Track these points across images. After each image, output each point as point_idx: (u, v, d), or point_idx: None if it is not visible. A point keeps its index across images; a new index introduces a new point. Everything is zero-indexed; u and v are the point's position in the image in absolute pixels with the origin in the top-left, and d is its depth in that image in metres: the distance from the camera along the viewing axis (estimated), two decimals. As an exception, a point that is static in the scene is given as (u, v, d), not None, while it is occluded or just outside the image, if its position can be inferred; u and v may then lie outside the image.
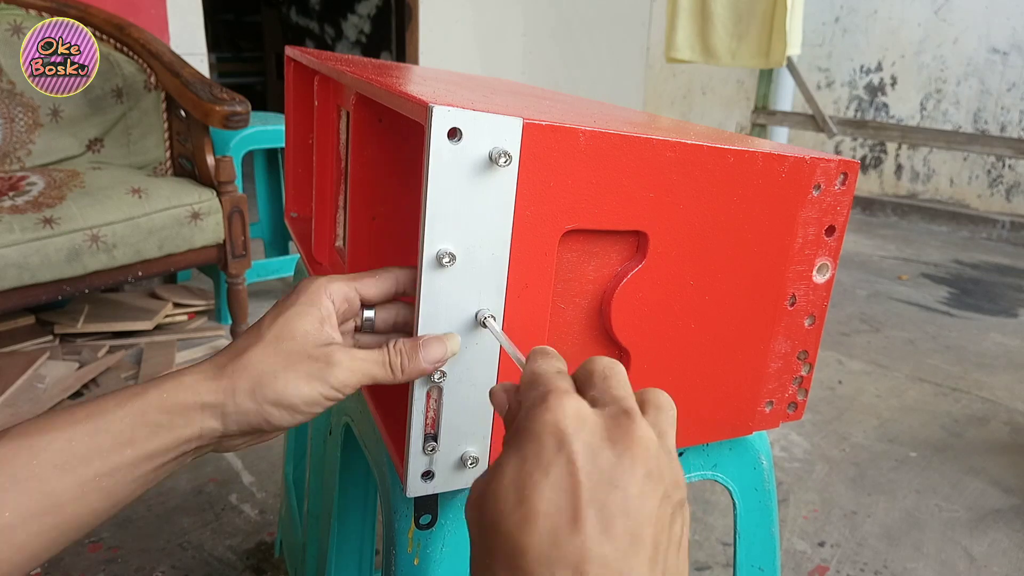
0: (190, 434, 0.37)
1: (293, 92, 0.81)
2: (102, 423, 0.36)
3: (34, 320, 1.81)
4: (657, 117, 0.67)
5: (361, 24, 3.74)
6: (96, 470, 0.35)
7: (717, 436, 0.53)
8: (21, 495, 0.33)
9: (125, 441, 0.36)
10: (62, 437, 0.35)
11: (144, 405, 0.36)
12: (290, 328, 0.39)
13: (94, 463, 0.35)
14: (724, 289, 0.47)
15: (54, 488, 0.34)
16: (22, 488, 0.33)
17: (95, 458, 0.35)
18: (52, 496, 0.34)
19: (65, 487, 0.34)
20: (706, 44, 2.96)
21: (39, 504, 0.34)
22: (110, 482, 0.35)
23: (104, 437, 0.35)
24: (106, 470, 0.35)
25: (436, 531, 0.47)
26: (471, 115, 0.36)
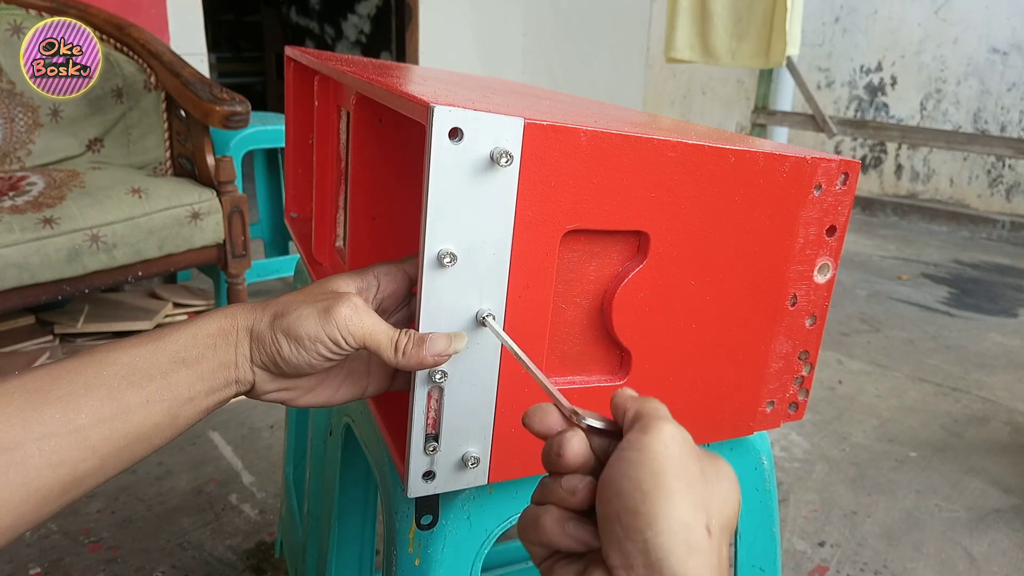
0: (230, 359, 0.40)
1: (293, 92, 0.81)
2: (161, 344, 0.39)
3: (34, 320, 1.81)
4: (658, 117, 0.67)
5: (361, 24, 3.73)
6: (157, 385, 0.38)
7: (718, 436, 0.53)
8: (94, 400, 0.36)
9: (179, 361, 0.39)
10: (128, 354, 0.38)
11: (196, 329, 0.40)
12: (329, 283, 0.43)
13: (155, 378, 0.38)
14: (725, 289, 0.47)
15: (122, 396, 0.37)
16: (94, 394, 0.36)
17: (156, 374, 0.38)
18: (120, 403, 0.37)
19: (131, 397, 0.37)
20: (706, 44, 2.96)
21: (109, 409, 0.37)
22: (169, 395, 0.39)
23: (163, 356, 0.39)
24: (166, 384, 0.38)
25: (437, 531, 0.46)
26: (472, 115, 0.36)
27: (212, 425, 1.51)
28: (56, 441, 0.35)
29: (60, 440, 0.35)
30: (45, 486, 0.35)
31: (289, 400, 0.44)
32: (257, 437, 1.48)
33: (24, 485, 0.34)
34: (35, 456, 0.34)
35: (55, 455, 0.35)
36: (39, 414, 0.35)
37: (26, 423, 0.34)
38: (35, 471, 0.34)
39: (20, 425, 0.34)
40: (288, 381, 0.43)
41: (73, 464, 0.36)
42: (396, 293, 0.45)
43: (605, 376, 0.48)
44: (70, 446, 0.36)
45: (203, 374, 0.40)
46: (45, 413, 0.35)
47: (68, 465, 0.35)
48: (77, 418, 0.36)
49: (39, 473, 0.35)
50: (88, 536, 1.17)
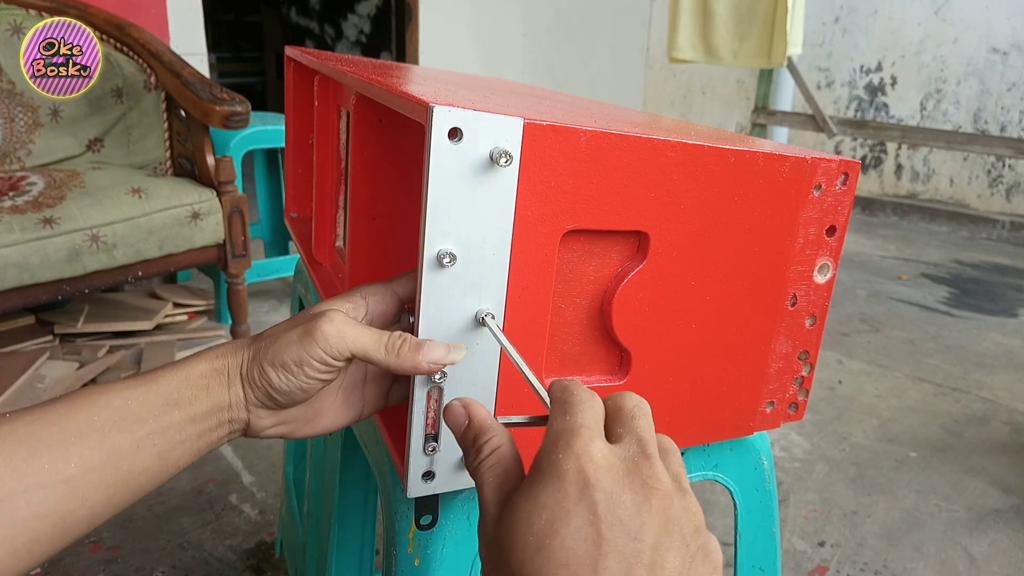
0: (225, 400, 0.40)
1: (293, 92, 0.81)
2: (154, 387, 0.39)
3: (34, 320, 1.81)
4: (658, 117, 0.67)
5: (361, 24, 3.74)
6: (149, 429, 0.38)
7: (718, 436, 0.53)
8: (84, 448, 0.36)
9: (172, 403, 0.39)
10: (120, 397, 0.38)
11: (189, 371, 0.40)
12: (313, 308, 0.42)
13: (147, 422, 0.38)
14: (725, 289, 0.47)
15: (112, 443, 0.37)
16: (85, 442, 0.36)
17: (148, 418, 0.38)
18: (111, 451, 0.37)
19: (122, 443, 0.37)
20: (708, 44, 2.96)
21: (99, 457, 0.36)
22: (160, 440, 0.38)
23: (155, 399, 0.38)
24: (157, 429, 0.38)
25: (437, 531, 0.46)
26: (472, 115, 0.36)
27: (212, 425, 1.51)
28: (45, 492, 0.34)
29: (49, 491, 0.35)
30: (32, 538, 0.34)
31: (288, 434, 0.43)
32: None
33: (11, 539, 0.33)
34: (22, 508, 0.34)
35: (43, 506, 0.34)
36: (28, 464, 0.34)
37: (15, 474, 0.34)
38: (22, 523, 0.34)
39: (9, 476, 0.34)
40: (285, 413, 0.42)
41: (62, 515, 0.35)
42: (385, 314, 0.45)
43: (605, 376, 0.48)
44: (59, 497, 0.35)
45: (196, 416, 0.39)
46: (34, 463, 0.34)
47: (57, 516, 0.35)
48: (67, 468, 0.35)
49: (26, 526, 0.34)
50: (88, 536, 1.17)
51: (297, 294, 0.92)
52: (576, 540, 0.26)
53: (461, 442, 0.34)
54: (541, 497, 0.27)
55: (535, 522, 0.27)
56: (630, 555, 0.26)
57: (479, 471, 0.32)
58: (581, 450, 0.28)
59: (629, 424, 0.30)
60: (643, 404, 0.32)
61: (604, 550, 0.26)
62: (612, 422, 0.31)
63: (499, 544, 0.28)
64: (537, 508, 0.27)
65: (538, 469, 0.29)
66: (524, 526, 0.27)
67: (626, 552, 0.26)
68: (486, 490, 0.31)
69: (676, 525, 0.28)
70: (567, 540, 0.26)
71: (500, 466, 0.31)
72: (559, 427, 0.29)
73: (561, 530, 0.26)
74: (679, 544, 0.28)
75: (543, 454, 0.29)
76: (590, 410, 0.30)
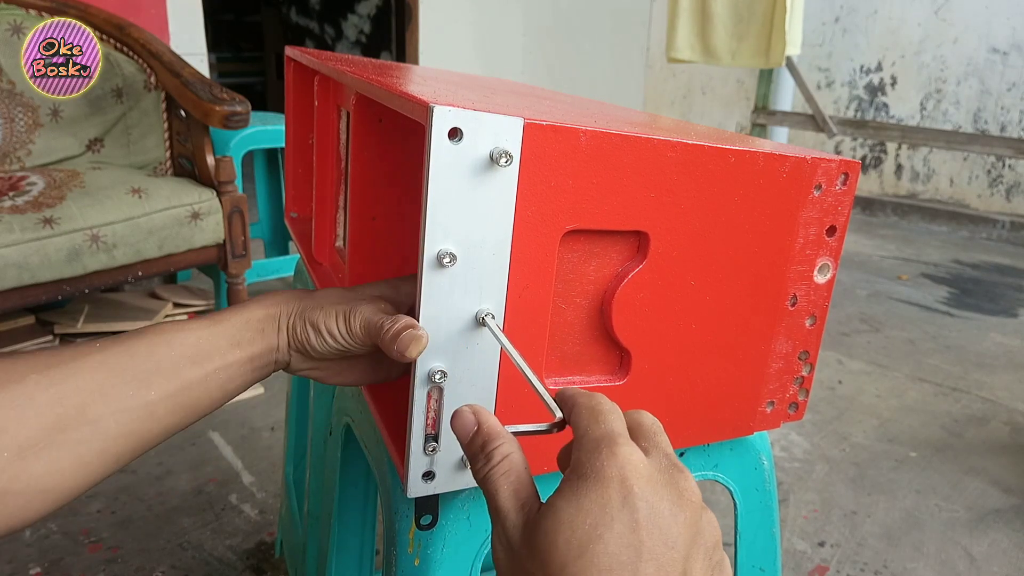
0: (274, 343, 0.46)
1: (293, 92, 0.81)
2: (220, 328, 0.45)
3: (34, 320, 1.81)
4: (658, 117, 0.67)
5: (361, 24, 3.74)
6: (216, 364, 0.44)
7: (718, 436, 0.53)
8: (163, 379, 0.42)
9: (235, 343, 0.45)
10: (193, 336, 0.44)
11: (249, 315, 0.46)
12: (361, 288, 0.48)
13: (215, 359, 0.44)
14: (725, 289, 0.47)
15: (186, 376, 0.43)
16: (163, 374, 0.42)
17: (215, 355, 0.44)
18: (184, 382, 0.43)
19: (193, 375, 0.43)
20: (707, 44, 2.96)
21: (174, 387, 0.42)
22: (224, 375, 0.44)
23: (221, 339, 0.44)
24: (222, 365, 0.44)
25: (437, 531, 0.46)
26: (472, 115, 0.36)
27: (212, 425, 1.51)
28: (129, 415, 0.41)
29: (133, 414, 0.41)
30: (119, 451, 0.41)
31: (321, 379, 0.48)
32: (257, 437, 1.48)
33: (103, 451, 0.40)
34: (112, 427, 0.40)
35: (128, 426, 0.41)
36: (117, 391, 0.41)
37: (107, 399, 0.40)
38: (111, 440, 0.40)
39: (102, 401, 0.40)
40: (317, 363, 0.47)
41: (142, 433, 0.42)
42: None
43: (605, 376, 0.48)
44: (141, 419, 0.41)
45: (252, 356, 0.45)
46: (122, 391, 0.41)
47: (138, 434, 0.42)
48: (148, 395, 0.42)
49: (115, 442, 0.41)
50: (88, 536, 1.17)
51: (297, 294, 0.92)
52: (619, 545, 0.27)
53: (468, 449, 0.34)
54: (584, 502, 0.28)
55: (578, 526, 0.27)
56: (666, 563, 0.27)
57: (490, 478, 0.32)
58: (625, 458, 0.29)
59: (653, 439, 0.31)
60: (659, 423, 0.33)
61: (644, 557, 0.27)
62: (635, 436, 0.32)
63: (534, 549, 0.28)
64: (581, 512, 0.28)
65: (580, 474, 0.29)
66: (567, 530, 0.27)
67: (663, 560, 0.27)
68: (501, 498, 0.31)
69: (702, 538, 0.29)
70: (610, 545, 0.27)
71: (513, 473, 0.31)
72: (598, 434, 0.30)
73: (605, 535, 0.27)
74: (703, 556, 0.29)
75: (584, 459, 0.29)
76: (621, 422, 0.31)
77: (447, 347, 0.40)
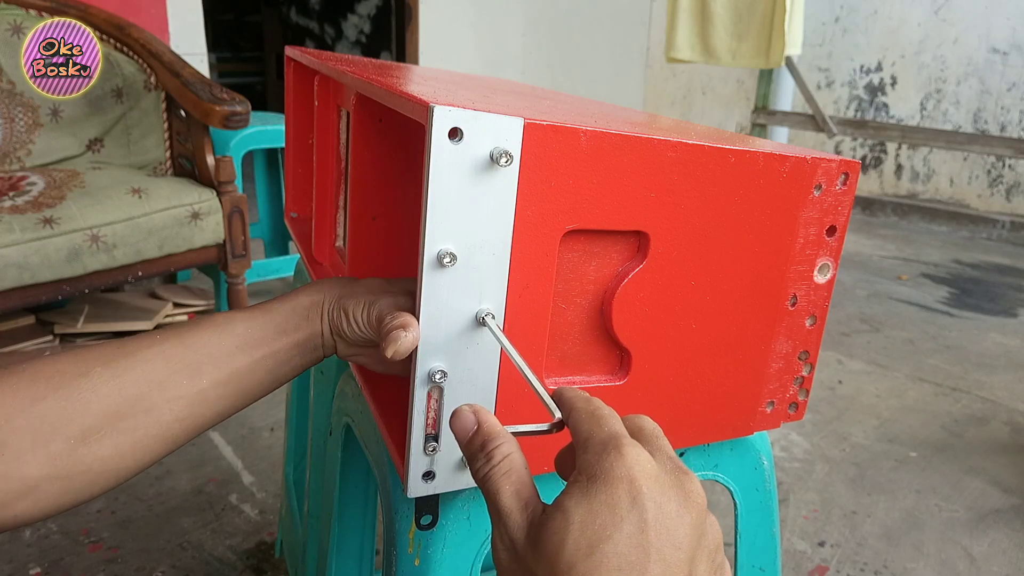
0: (318, 329, 0.48)
1: (293, 92, 0.81)
2: (268, 317, 0.47)
3: (34, 320, 1.81)
4: (658, 117, 0.67)
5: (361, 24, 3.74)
6: (264, 352, 0.46)
7: (718, 436, 0.53)
8: (214, 368, 0.45)
9: (282, 331, 0.47)
10: (242, 325, 0.46)
11: (295, 304, 0.47)
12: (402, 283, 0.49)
13: (262, 347, 0.46)
14: (725, 289, 0.47)
15: (236, 363, 0.45)
16: (215, 363, 0.45)
17: (263, 343, 0.46)
18: (234, 369, 0.45)
19: (243, 363, 0.45)
20: (706, 44, 2.96)
21: (225, 374, 0.45)
22: (272, 362, 0.46)
23: (269, 328, 0.46)
24: (270, 352, 0.46)
25: (437, 531, 0.46)
26: (472, 115, 0.36)
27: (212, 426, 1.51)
28: (183, 402, 0.44)
29: (186, 401, 0.44)
30: (174, 435, 0.44)
31: (366, 364, 0.50)
32: (257, 437, 1.48)
33: (159, 436, 0.43)
34: (167, 414, 0.43)
35: (182, 412, 0.44)
36: (172, 380, 0.43)
37: (162, 388, 0.43)
38: (166, 426, 0.43)
39: (157, 390, 0.43)
40: (360, 348, 0.48)
41: (195, 418, 0.44)
42: None
43: (605, 376, 0.48)
44: (194, 404, 0.44)
45: (299, 342, 0.47)
46: (176, 379, 0.43)
47: (192, 419, 0.44)
48: (200, 382, 0.44)
49: (169, 427, 0.44)
50: (88, 536, 1.17)
51: (297, 294, 0.92)
52: (628, 546, 0.27)
53: (466, 449, 0.34)
54: (594, 503, 0.28)
55: (588, 526, 0.28)
56: (673, 563, 0.28)
57: (491, 478, 0.32)
58: (633, 459, 0.29)
59: (656, 443, 0.32)
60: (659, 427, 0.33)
61: (652, 557, 0.27)
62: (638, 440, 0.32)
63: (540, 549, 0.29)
64: (591, 513, 0.28)
65: (589, 475, 0.29)
66: (576, 530, 0.28)
67: (670, 560, 0.28)
68: (503, 497, 0.31)
69: (707, 540, 0.29)
70: (620, 545, 0.27)
71: (514, 473, 0.32)
72: (604, 436, 0.30)
73: (615, 535, 0.27)
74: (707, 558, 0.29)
75: (592, 460, 0.29)
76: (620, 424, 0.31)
77: (447, 347, 0.40)
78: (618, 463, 0.29)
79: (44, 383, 0.41)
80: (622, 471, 0.28)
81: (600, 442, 0.30)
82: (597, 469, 0.29)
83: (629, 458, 0.29)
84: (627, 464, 0.29)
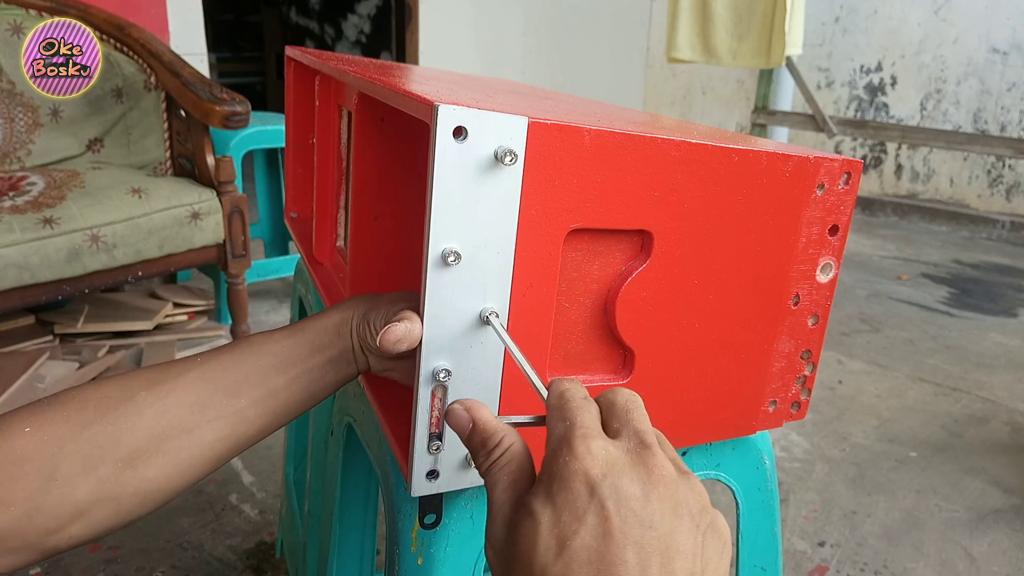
0: (349, 345, 0.48)
1: (293, 92, 0.81)
2: (302, 336, 0.47)
3: (34, 320, 1.81)
4: (660, 117, 0.67)
5: (361, 24, 3.74)
6: (299, 370, 0.47)
7: (720, 435, 0.53)
8: (251, 387, 0.45)
9: (315, 348, 0.47)
10: (279, 344, 0.47)
11: (327, 321, 0.48)
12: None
13: (297, 365, 0.47)
14: (728, 288, 0.47)
15: (272, 383, 0.46)
16: (251, 382, 0.45)
17: (298, 361, 0.47)
18: (271, 388, 0.46)
19: (279, 381, 0.46)
20: (707, 44, 2.96)
21: (262, 393, 0.46)
22: (307, 378, 0.47)
23: (303, 346, 0.47)
24: (305, 370, 0.47)
25: (440, 531, 0.46)
26: (476, 114, 0.36)
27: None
28: (223, 422, 0.45)
29: (226, 420, 0.45)
30: (216, 454, 0.45)
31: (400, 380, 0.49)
32: (257, 437, 1.47)
33: (202, 455, 0.44)
34: (208, 434, 0.44)
35: (223, 431, 0.45)
36: (211, 401, 0.44)
37: (202, 409, 0.44)
38: (208, 445, 0.44)
39: (198, 411, 0.44)
40: (392, 363, 0.48)
41: (236, 436, 0.45)
42: None
43: (608, 375, 0.48)
44: (234, 424, 0.45)
45: (332, 359, 0.48)
46: (216, 400, 0.44)
47: (232, 437, 0.45)
48: (238, 402, 0.45)
49: (211, 446, 0.44)
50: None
51: (297, 294, 0.92)
52: (595, 537, 0.28)
53: (468, 445, 0.34)
54: (556, 501, 0.29)
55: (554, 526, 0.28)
56: (645, 544, 0.28)
57: (491, 471, 0.32)
58: (584, 452, 0.29)
59: (624, 418, 0.32)
60: (635, 397, 0.33)
61: (621, 543, 0.28)
62: (608, 418, 0.32)
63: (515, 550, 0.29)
64: (555, 512, 0.28)
65: (548, 474, 0.30)
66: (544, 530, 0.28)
67: (642, 542, 0.28)
68: (498, 490, 0.32)
69: (685, 507, 0.29)
70: (586, 538, 0.28)
71: (514, 464, 0.32)
72: (560, 433, 0.31)
73: (580, 529, 0.28)
74: (689, 525, 0.29)
75: (549, 460, 0.30)
76: (586, 412, 0.31)
77: (451, 346, 0.40)
78: (570, 459, 0.29)
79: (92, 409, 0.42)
80: (576, 466, 0.29)
81: (556, 439, 0.31)
82: (553, 467, 0.30)
83: (579, 451, 0.29)
84: (578, 457, 0.29)
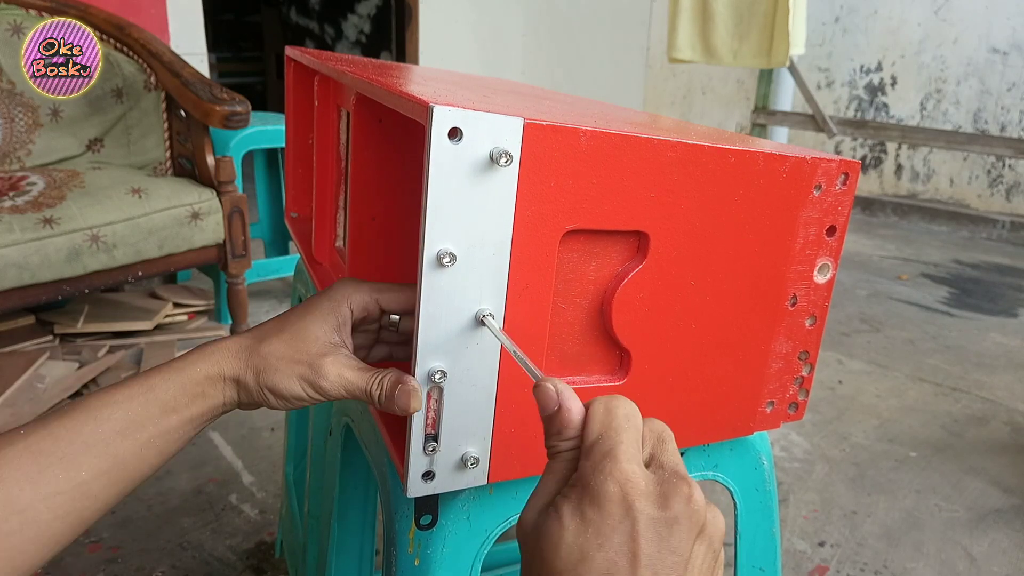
0: (219, 401, 0.45)
1: (293, 92, 0.81)
2: (152, 395, 0.43)
3: (34, 320, 1.81)
4: (658, 117, 0.67)
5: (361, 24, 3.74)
6: (150, 433, 0.42)
7: (718, 436, 0.53)
8: (93, 457, 0.41)
9: (170, 409, 0.43)
10: (121, 408, 0.42)
11: (184, 379, 0.44)
12: (306, 331, 0.45)
13: (148, 428, 0.42)
14: (725, 289, 0.47)
15: (118, 450, 0.41)
16: (93, 451, 0.41)
17: (148, 424, 0.42)
18: (117, 456, 0.41)
19: (126, 448, 0.42)
20: (708, 44, 2.95)
21: (107, 463, 0.41)
22: (161, 442, 0.43)
23: (154, 407, 0.43)
24: (157, 433, 0.43)
25: (437, 531, 0.46)
26: (472, 115, 0.36)
27: (212, 425, 1.51)
28: (62, 497, 0.40)
29: (65, 496, 0.40)
30: (55, 535, 0.40)
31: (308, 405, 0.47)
32: (257, 437, 1.48)
33: (36, 537, 0.39)
34: (44, 512, 0.39)
35: (61, 508, 0.40)
36: (44, 476, 0.39)
37: (33, 485, 0.39)
38: (45, 525, 0.39)
39: (29, 487, 0.39)
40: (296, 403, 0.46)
41: (79, 512, 0.41)
42: (368, 318, 0.48)
43: (605, 376, 0.48)
44: (74, 499, 0.40)
45: (191, 418, 0.44)
46: (49, 474, 0.39)
47: (74, 515, 0.40)
48: (78, 475, 0.40)
49: (49, 526, 0.39)
50: (88, 536, 1.17)
51: (297, 294, 0.92)
52: (618, 553, 0.29)
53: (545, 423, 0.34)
54: (587, 513, 0.30)
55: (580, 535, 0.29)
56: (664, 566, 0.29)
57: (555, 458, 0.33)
58: (626, 476, 0.30)
59: (660, 448, 0.33)
60: (668, 430, 0.34)
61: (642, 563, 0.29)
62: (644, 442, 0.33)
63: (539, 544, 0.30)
64: (584, 523, 0.29)
65: (584, 486, 0.30)
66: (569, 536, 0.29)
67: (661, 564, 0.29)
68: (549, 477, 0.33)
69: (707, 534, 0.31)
70: (610, 553, 0.29)
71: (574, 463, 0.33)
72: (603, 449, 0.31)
73: (605, 544, 0.29)
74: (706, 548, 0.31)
75: (588, 472, 0.31)
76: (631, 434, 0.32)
77: (447, 347, 0.40)
78: (612, 480, 0.30)
79: None
80: (614, 487, 0.30)
81: (599, 454, 0.31)
82: (592, 481, 0.30)
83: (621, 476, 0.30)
84: (620, 481, 0.30)
